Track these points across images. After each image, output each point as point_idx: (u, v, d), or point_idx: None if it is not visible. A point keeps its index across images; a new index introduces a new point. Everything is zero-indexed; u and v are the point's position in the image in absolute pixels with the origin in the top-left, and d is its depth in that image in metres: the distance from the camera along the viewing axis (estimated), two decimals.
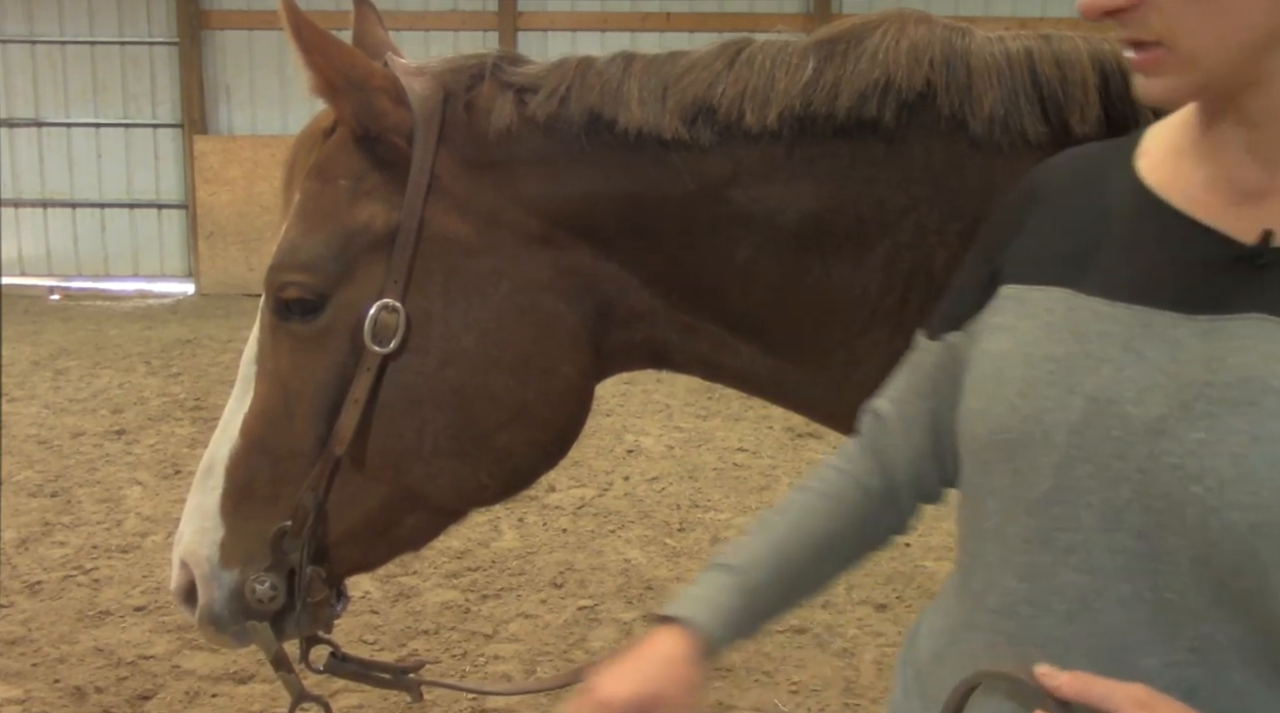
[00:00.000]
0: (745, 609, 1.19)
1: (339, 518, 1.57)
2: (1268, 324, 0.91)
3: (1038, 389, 0.99)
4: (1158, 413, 0.93)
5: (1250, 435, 0.88)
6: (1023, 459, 1.00)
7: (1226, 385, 0.90)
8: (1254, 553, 0.87)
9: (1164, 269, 0.98)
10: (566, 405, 1.58)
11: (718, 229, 1.51)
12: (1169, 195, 1.02)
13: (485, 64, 1.57)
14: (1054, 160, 1.16)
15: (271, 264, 1.57)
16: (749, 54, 1.49)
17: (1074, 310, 1.01)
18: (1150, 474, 0.92)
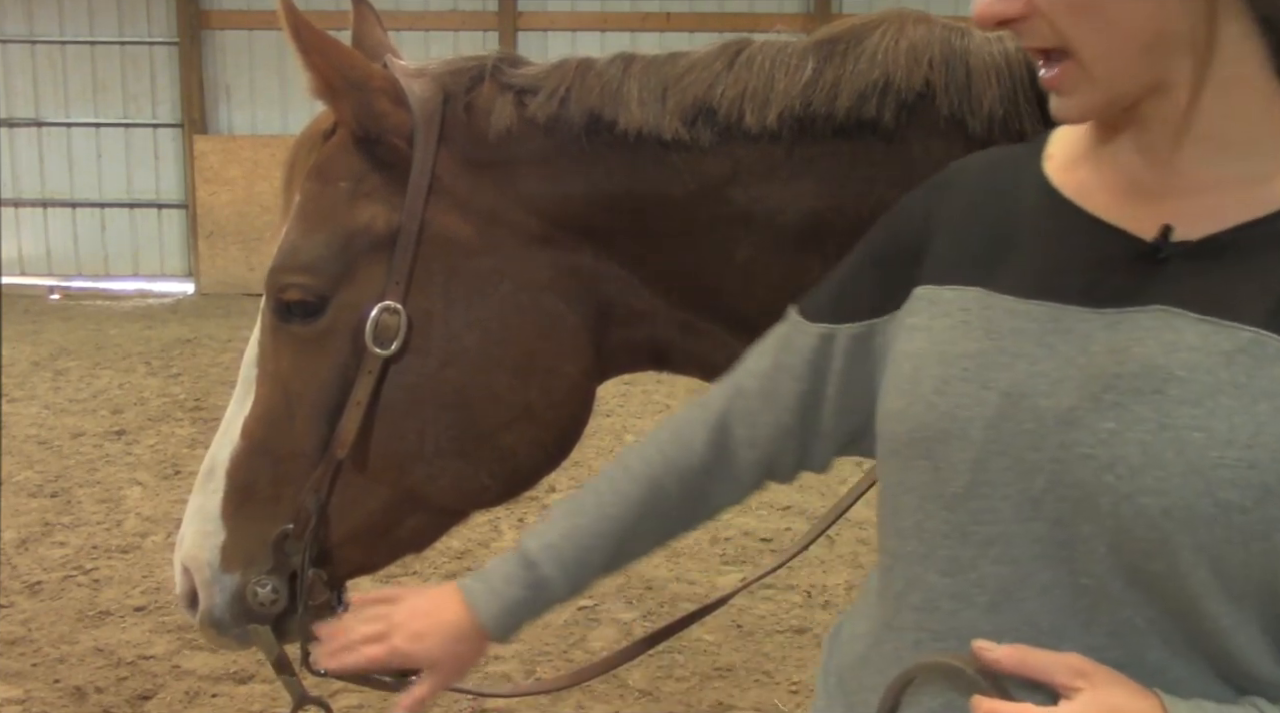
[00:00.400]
0: (532, 601, 1.30)
1: (341, 520, 1.57)
2: (1169, 315, 0.95)
3: (953, 386, 1.02)
4: (1069, 404, 0.96)
5: (1157, 423, 0.91)
6: (940, 455, 1.02)
7: (1133, 375, 0.93)
8: (1165, 537, 0.90)
9: (1072, 267, 1.01)
10: (568, 405, 1.58)
11: (718, 229, 1.51)
12: (1074, 196, 1.05)
13: (485, 65, 1.57)
14: (964, 162, 1.19)
15: (272, 266, 1.57)
16: (748, 55, 1.49)
17: (987, 309, 1.04)
18: (1064, 464, 0.95)
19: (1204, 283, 0.95)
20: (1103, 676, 0.91)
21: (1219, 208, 0.97)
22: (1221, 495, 0.88)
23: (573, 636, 4.28)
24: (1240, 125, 0.97)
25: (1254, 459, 0.88)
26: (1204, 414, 0.90)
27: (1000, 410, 0.99)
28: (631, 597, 4.62)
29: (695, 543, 5.20)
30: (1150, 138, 0.99)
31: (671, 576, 4.84)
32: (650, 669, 3.94)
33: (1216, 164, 0.98)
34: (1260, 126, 0.97)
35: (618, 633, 4.31)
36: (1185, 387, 0.92)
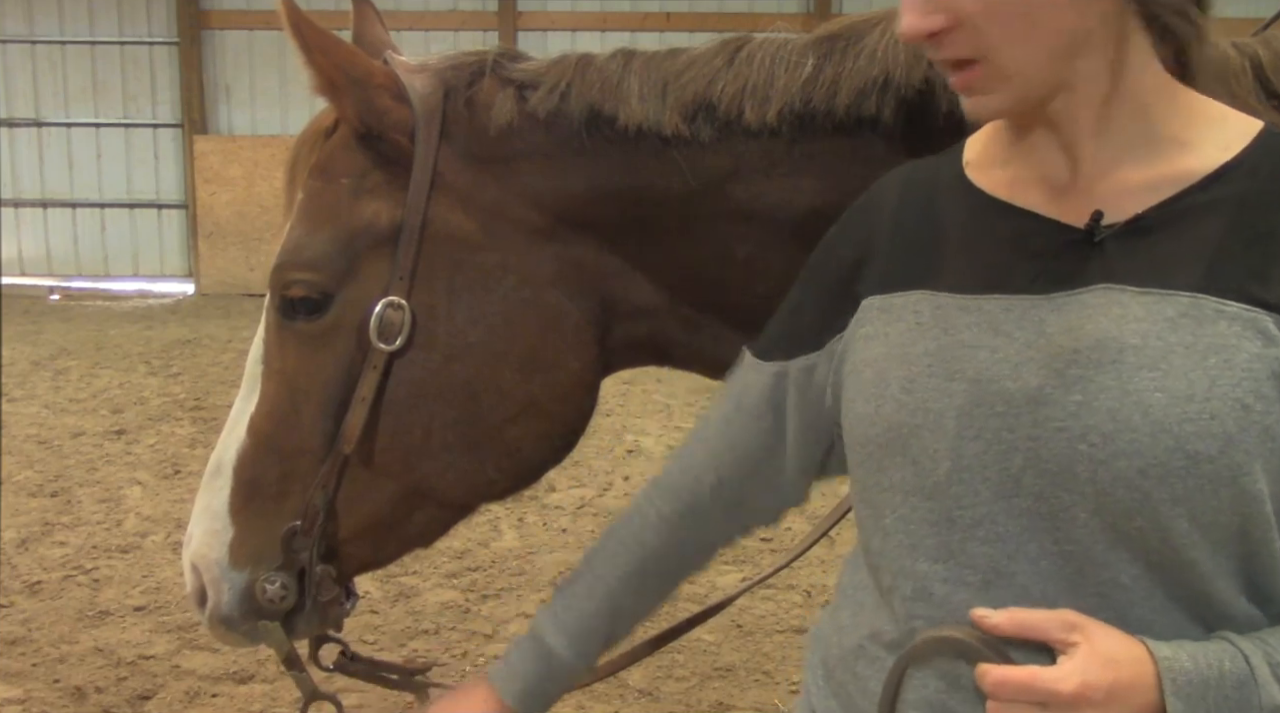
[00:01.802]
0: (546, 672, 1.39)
1: (349, 516, 1.57)
2: (1113, 291, 1.02)
3: (920, 382, 1.07)
4: (1035, 384, 1.01)
5: (1120, 390, 0.97)
6: (917, 449, 1.06)
7: (1090, 349, 1.00)
8: (1145, 495, 0.96)
9: (1010, 259, 1.08)
10: (573, 399, 1.58)
11: (719, 225, 1.52)
12: (999, 194, 1.12)
13: (485, 60, 1.57)
14: (882, 181, 1.25)
15: (276, 263, 1.57)
16: (749, 51, 1.50)
17: (939, 308, 1.09)
18: (1039, 441, 1.00)
19: (1138, 259, 1.03)
20: (1094, 627, 0.96)
21: (1140, 189, 1.05)
22: (1190, 448, 0.94)
23: None
24: (1144, 114, 1.05)
25: (1214, 410, 0.95)
26: (1161, 376, 0.97)
27: (970, 398, 1.04)
28: None
29: None
30: (1064, 135, 1.07)
31: None
32: (650, 669, 3.94)
33: (1129, 150, 1.06)
34: (1161, 111, 1.06)
35: None
36: (1140, 354, 0.98)
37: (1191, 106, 1.08)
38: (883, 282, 1.16)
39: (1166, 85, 1.07)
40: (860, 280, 1.18)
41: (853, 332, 1.17)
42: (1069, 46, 1.02)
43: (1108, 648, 0.95)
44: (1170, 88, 1.07)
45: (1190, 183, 1.04)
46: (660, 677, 3.95)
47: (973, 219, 1.13)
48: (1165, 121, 1.06)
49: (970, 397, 1.04)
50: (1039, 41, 1.01)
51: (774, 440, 1.28)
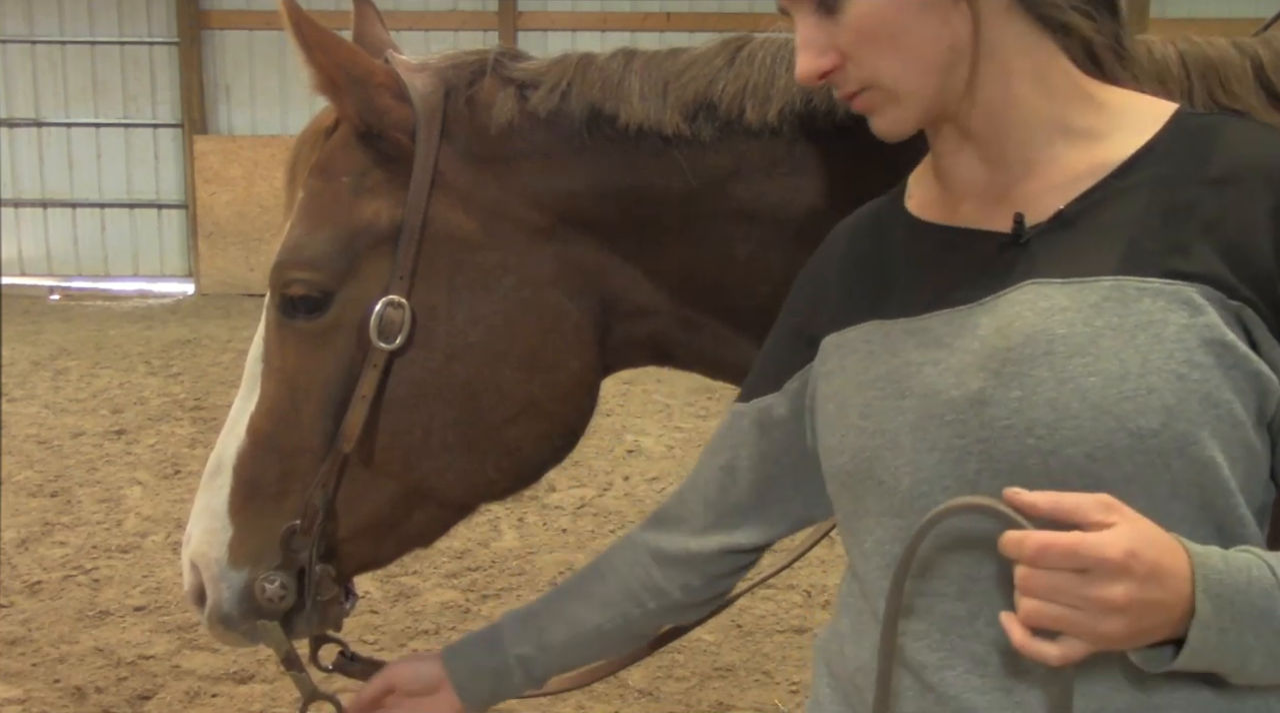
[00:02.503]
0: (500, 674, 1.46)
1: (348, 515, 1.57)
2: (1038, 285, 1.05)
3: (875, 406, 1.11)
4: (976, 387, 1.04)
5: (1056, 380, 1.00)
6: (881, 469, 1.10)
7: (1022, 345, 1.03)
8: (1097, 478, 0.98)
9: (949, 276, 1.12)
10: (573, 399, 1.58)
11: (720, 225, 1.52)
12: (937, 218, 1.18)
13: (486, 59, 1.57)
14: (836, 228, 1.31)
15: (276, 262, 1.57)
16: (749, 51, 1.50)
17: (888, 334, 1.14)
18: (988, 442, 1.03)
19: (1061, 252, 1.07)
20: (1129, 510, 0.93)
21: (1062, 184, 1.09)
22: (1132, 425, 0.97)
23: None
24: (1050, 108, 1.10)
25: (1150, 385, 0.97)
26: (1092, 360, 0.99)
27: (921, 412, 1.07)
28: None
29: None
30: (978, 144, 1.12)
31: None
32: (650, 669, 3.94)
33: (1045, 148, 1.10)
34: (1071, 107, 1.10)
35: None
36: (1069, 342, 1.01)
37: (1102, 98, 1.12)
38: (836, 320, 1.21)
39: (1073, 81, 1.11)
40: (816, 325, 1.24)
41: (816, 371, 1.23)
42: (946, 60, 1.07)
43: (1147, 529, 0.92)
44: (1078, 83, 1.11)
45: (1108, 172, 1.08)
46: (660, 677, 3.95)
47: (913, 246, 1.18)
48: (1076, 116, 1.10)
49: (920, 411, 1.07)
50: (914, 61, 1.07)
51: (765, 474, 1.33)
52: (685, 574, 1.42)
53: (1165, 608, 0.91)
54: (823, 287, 1.26)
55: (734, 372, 1.64)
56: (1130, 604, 0.89)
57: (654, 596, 1.43)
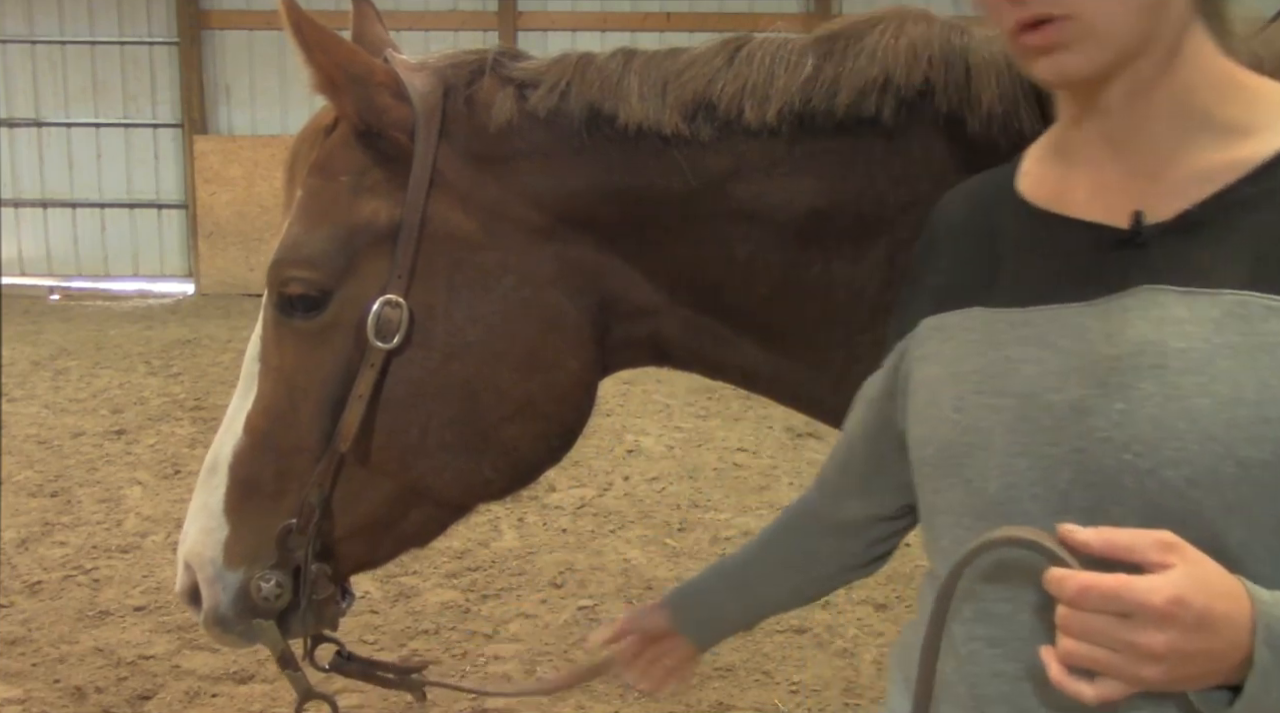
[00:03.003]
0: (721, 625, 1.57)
1: (345, 514, 1.57)
2: (1155, 292, 0.98)
3: (969, 400, 1.06)
4: (1078, 395, 0.99)
5: (1163, 396, 0.94)
6: (970, 469, 1.05)
7: (1131, 355, 0.97)
8: (1195, 505, 0.92)
9: (1059, 268, 1.06)
10: (571, 399, 1.58)
11: (719, 225, 1.51)
12: (1049, 204, 1.10)
13: (485, 59, 1.57)
14: (942, 202, 1.24)
15: (274, 260, 1.57)
16: (748, 51, 1.50)
17: (990, 324, 1.08)
18: (1084, 453, 0.97)
19: (1182, 257, 0.99)
20: (1192, 552, 0.88)
21: (1192, 181, 1.01)
22: (1242, 455, 0.90)
23: (573, 636, 4.27)
24: (1200, 95, 1.01)
25: (1265, 414, 0.90)
26: (1207, 380, 0.92)
27: (1017, 414, 1.02)
28: (631, 597, 4.62)
29: (695, 543, 5.20)
30: (1114, 124, 1.03)
31: (672, 576, 4.84)
32: None
33: (1183, 138, 1.01)
34: (1220, 94, 1.01)
35: None
36: (1183, 357, 0.94)
37: (1253, 88, 1.03)
38: (938, 301, 1.15)
39: (1225, 66, 1.02)
40: (919, 300, 1.19)
41: (912, 353, 1.17)
42: (1155, 4, 0.97)
43: (1206, 573, 0.87)
44: (1230, 70, 1.02)
45: (1243, 173, 0.99)
46: None
47: (1022, 232, 1.11)
48: (1222, 106, 1.01)
49: (1017, 412, 1.02)
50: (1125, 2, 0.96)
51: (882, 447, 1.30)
52: (843, 540, 1.43)
53: (1214, 657, 0.86)
54: (932, 258, 1.20)
55: (733, 372, 1.64)
56: (1170, 653, 0.85)
57: (827, 560, 1.46)
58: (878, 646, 4.20)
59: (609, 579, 4.80)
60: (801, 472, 6.16)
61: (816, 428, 6.03)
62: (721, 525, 5.40)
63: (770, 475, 6.13)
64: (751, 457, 6.45)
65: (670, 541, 5.23)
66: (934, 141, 1.45)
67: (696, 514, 5.56)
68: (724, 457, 6.43)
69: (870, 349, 1.52)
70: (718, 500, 5.74)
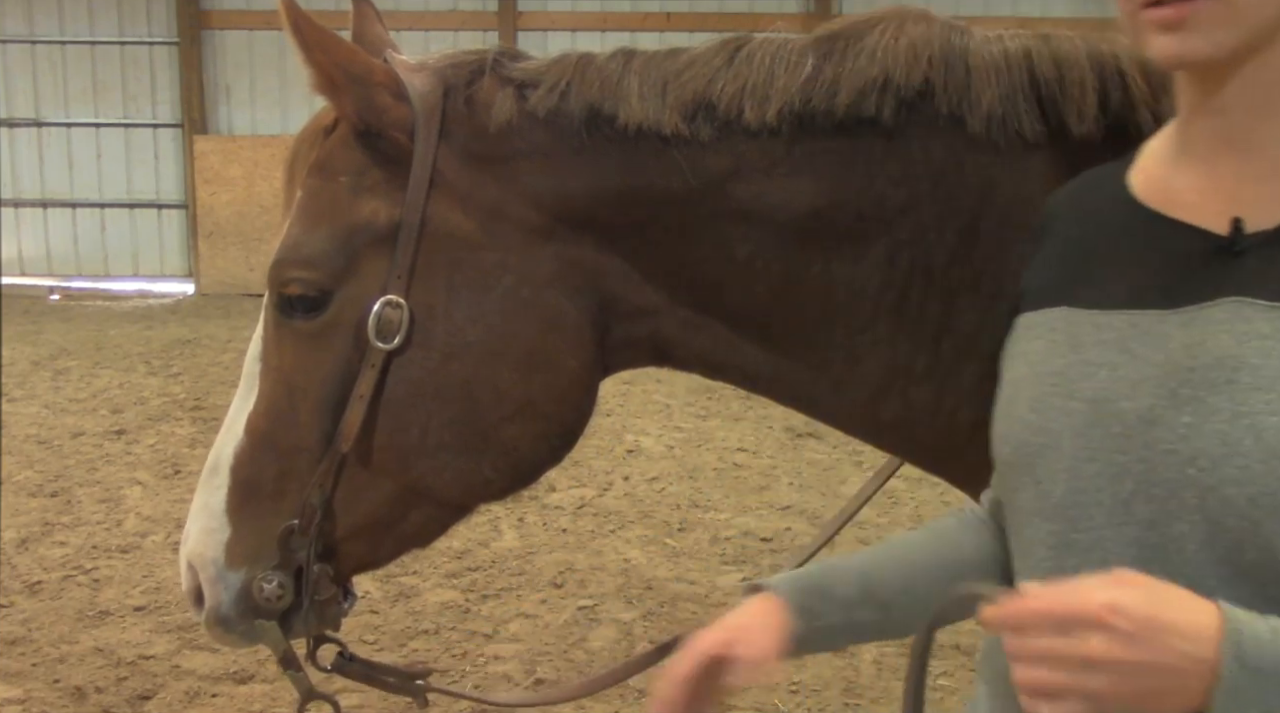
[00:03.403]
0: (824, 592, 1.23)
1: (346, 514, 1.57)
2: (1243, 305, 0.95)
3: (1044, 402, 1.05)
4: (1148, 404, 0.97)
5: (1231, 412, 0.92)
6: (1041, 469, 1.04)
7: (1206, 368, 0.95)
8: (1256, 525, 0.90)
9: (1150, 271, 1.03)
10: (572, 399, 1.58)
11: (719, 225, 1.51)
12: (1155, 202, 1.07)
13: (485, 59, 1.57)
14: (1055, 194, 1.22)
15: (274, 260, 1.57)
16: (748, 51, 1.50)
17: (1073, 325, 1.07)
18: (1149, 464, 0.96)
19: (1277, 270, 0.96)
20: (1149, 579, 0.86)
21: None
22: None
23: (572, 636, 4.27)
24: None
25: None
26: (1277, 397, 0.90)
27: (1087, 419, 1.01)
28: (631, 597, 4.62)
29: (695, 543, 5.20)
30: (1229, 123, 1.00)
31: (671, 576, 4.84)
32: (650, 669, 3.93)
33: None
34: None
35: (618, 633, 4.30)
36: (1257, 374, 0.92)
37: None
38: (1033, 298, 1.14)
39: None
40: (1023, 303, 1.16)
41: (1008, 350, 1.16)
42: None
43: (1161, 590, 0.85)
44: None
45: None
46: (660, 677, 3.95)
47: (1123, 230, 1.09)
48: None
49: (1087, 417, 1.01)
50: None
51: None
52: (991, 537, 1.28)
53: (1173, 672, 0.83)
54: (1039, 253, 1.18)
55: (733, 372, 1.64)
56: (1110, 659, 0.83)
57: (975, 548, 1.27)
58: (878, 646, 4.19)
59: (609, 579, 4.80)
60: (801, 472, 6.16)
61: (816, 428, 6.03)
62: (721, 526, 5.40)
63: (770, 475, 6.13)
64: (751, 457, 6.45)
65: (670, 540, 5.23)
66: (934, 142, 1.45)
67: (696, 514, 5.56)
68: (724, 457, 6.43)
69: (870, 349, 1.53)
70: (718, 500, 5.74)
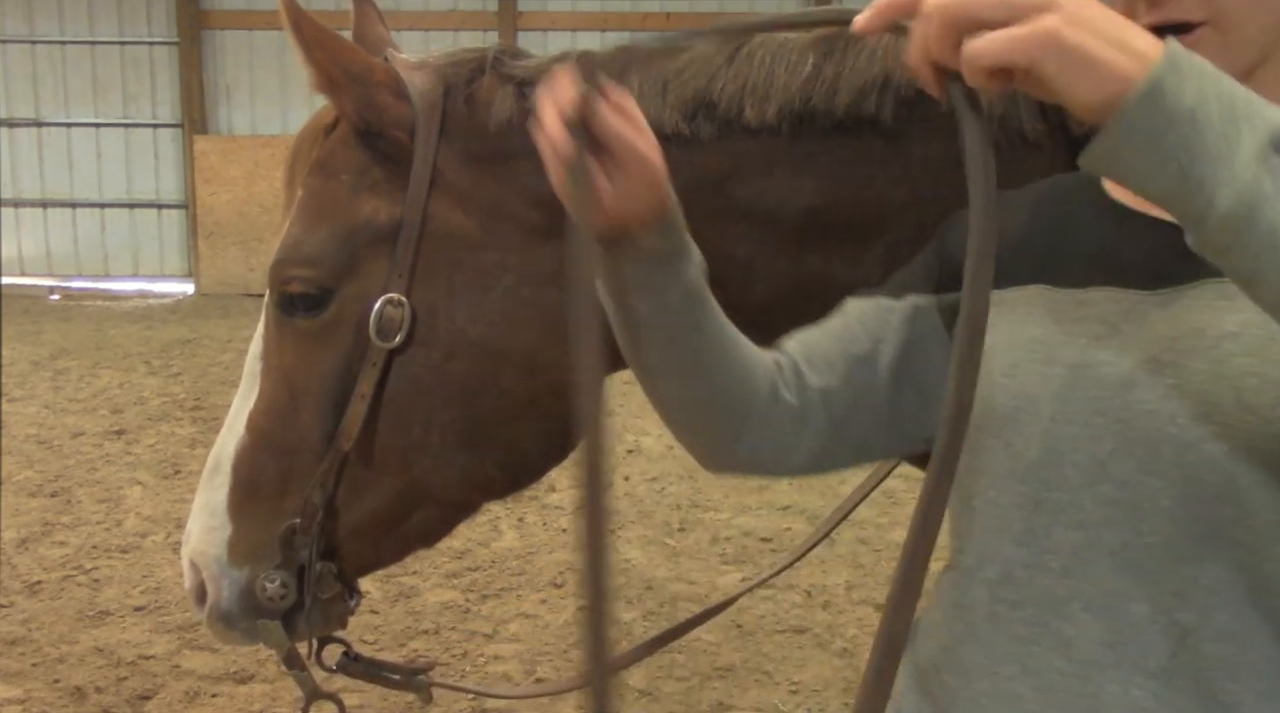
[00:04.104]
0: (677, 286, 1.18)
1: (348, 513, 1.57)
2: (1221, 285, 0.99)
3: (1021, 366, 1.08)
4: (1129, 367, 1.01)
5: (1213, 373, 0.95)
6: (1012, 431, 1.07)
7: (1187, 336, 0.99)
8: (1232, 479, 0.94)
9: (1130, 262, 1.08)
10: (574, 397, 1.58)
11: (718, 224, 1.51)
12: (1134, 202, 1.11)
13: (485, 58, 1.57)
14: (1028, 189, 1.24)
15: (275, 259, 1.57)
16: (749, 50, 1.50)
17: (1053, 301, 1.10)
18: (1128, 423, 0.99)
19: None
20: None
21: None
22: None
23: (573, 635, 4.28)
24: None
25: None
26: (1258, 362, 0.94)
27: (1066, 382, 1.04)
28: (631, 597, 4.62)
29: (695, 543, 5.20)
30: None
31: (671, 576, 4.84)
32: (650, 669, 3.94)
33: None
34: None
35: (618, 633, 4.30)
36: (1239, 341, 0.96)
37: None
38: (1002, 278, 1.13)
39: None
40: None
41: None
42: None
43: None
44: None
45: None
46: (660, 677, 3.95)
47: (1101, 224, 1.13)
48: None
49: (1066, 381, 1.04)
50: (1270, 14, 0.98)
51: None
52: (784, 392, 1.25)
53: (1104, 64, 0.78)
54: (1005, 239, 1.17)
55: None
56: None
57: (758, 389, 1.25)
58: None
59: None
60: None
61: None
62: (721, 525, 5.40)
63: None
64: None
65: (670, 541, 5.23)
66: (933, 141, 1.45)
67: (696, 514, 5.56)
68: None
69: None
70: (718, 501, 5.74)
